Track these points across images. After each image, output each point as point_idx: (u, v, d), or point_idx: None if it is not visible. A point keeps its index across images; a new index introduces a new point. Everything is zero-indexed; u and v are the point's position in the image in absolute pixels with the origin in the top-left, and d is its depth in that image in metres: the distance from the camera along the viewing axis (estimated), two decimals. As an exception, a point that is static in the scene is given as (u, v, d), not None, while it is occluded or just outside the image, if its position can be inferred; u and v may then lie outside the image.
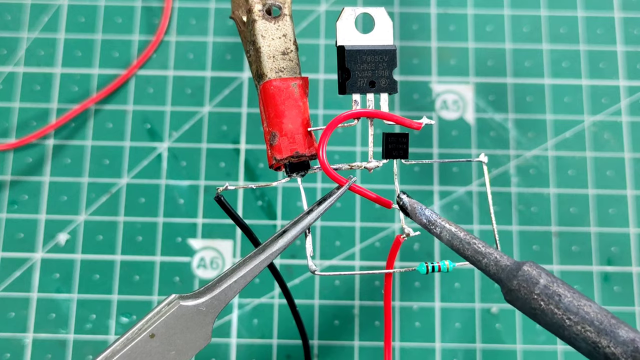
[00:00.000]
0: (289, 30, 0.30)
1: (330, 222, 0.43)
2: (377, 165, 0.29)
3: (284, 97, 0.29)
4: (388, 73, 0.29)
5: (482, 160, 0.31)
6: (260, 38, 0.29)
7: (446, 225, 0.28)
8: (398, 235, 0.29)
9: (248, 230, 0.30)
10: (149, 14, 0.47)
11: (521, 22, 0.46)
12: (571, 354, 0.41)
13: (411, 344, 0.41)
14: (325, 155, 0.27)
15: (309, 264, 0.28)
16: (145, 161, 0.44)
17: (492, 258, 0.26)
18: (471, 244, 0.26)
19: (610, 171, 0.44)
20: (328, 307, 0.42)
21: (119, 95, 0.45)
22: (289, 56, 0.29)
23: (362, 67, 0.29)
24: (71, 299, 0.42)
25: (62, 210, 0.43)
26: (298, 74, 0.29)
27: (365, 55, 0.29)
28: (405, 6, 0.47)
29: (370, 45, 0.29)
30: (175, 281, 0.42)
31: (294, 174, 0.29)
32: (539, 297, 0.24)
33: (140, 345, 0.26)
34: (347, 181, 0.28)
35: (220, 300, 0.27)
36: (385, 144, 0.29)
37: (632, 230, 0.43)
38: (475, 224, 0.43)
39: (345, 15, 0.29)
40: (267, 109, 0.29)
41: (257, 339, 0.42)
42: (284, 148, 0.28)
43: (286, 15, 0.30)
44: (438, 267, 0.29)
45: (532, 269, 0.24)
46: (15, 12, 0.46)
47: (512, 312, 0.42)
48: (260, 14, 0.29)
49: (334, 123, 0.28)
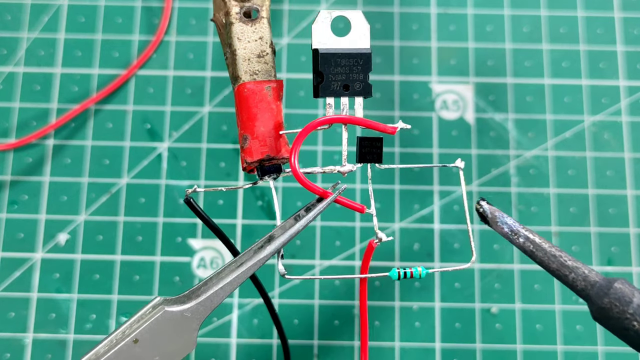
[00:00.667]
0: (266, 33, 0.30)
1: (330, 222, 0.43)
2: (351, 169, 0.29)
3: (257, 100, 0.28)
4: (363, 76, 0.28)
5: (458, 166, 0.30)
6: (236, 40, 0.29)
7: (530, 236, 0.26)
8: (371, 240, 0.29)
9: (219, 231, 0.30)
10: (149, 14, 0.47)
11: (521, 22, 0.46)
12: (571, 354, 0.41)
13: (411, 344, 0.41)
14: (296, 161, 0.27)
15: (279, 267, 0.28)
16: (145, 161, 0.44)
17: (579, 273, 0.25)
18: (557, 256, 0.25)
19: (610, 171, 0.44)
20: (328, 307, 0.42)
21: (119, 95, 0.45)
22: (265, 59, 0.29)
23: (336, 70, 0.28)
24: (71, 299, 0.42)
25: (62, 210, 0.43)
26: (273, 77, 0.29)
27: (339, 59, 0.28)
28: (405, 6, 0.47)
29: (346, 48, 0.28)
30: (175, 281, 0.42)
31: (265, 177, 0.29)
32: (632, 317, 0.22)
33: (124, 350, 0.25)
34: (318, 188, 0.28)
35: (206, 306, 0.26)
36: (359, 149, 0.29)
37: (632, 230, 0.43)
38: (475, 223, 0.43)
39: (320, 18, 0.28)
40: (240, 111, 0.29)
41: (257, 339, 0.42)
42: (255, 151, 0.28)
43: (263, 18, 0.30)
44: (410, 273, 0.29)
45: (625, 287, 0.23)
46: (16, 12, 0.46)
47: (512, 312, 0.42)
48: (238, 16, 0.29)
49: (306, 130, 0.27)
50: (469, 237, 0.30)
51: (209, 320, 0.42)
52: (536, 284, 0.42)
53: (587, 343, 0.42)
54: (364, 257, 0.30)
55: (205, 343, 0.42)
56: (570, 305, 0.42)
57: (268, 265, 0.42)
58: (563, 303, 0.42)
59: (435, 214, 0.43)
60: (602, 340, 0.42)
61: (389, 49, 0.46)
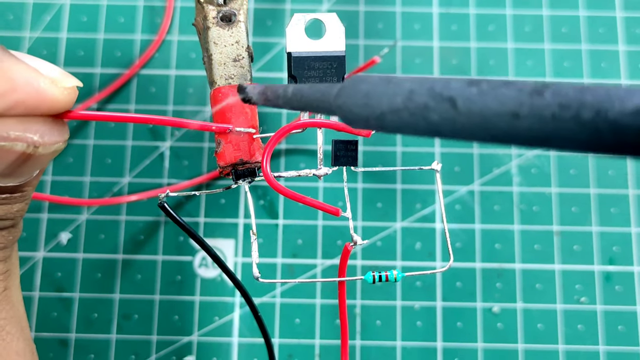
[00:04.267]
0: (242, 37, 0.30)
1: (331, 221, 0.43)
2: (326, 173, 0.29)
3: (231, 104, 0.28)
4: (337, 79, 0.28)
5: (434, 169, 0.30)
6: (213, 45, 0.29)
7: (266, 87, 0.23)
8: (347, 244, 0.29)
9: (194, 234, 0.30)
10: (151, 13, 0.47)
11: (523, 22, 0.46)
12: (573, 353, 0.41)
13: (413, 343, 0.41)
14: (268, 166, 0.26)
15: (254, 270, 0.27)
16: (147, 160, 0.44)
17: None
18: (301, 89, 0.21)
19: (612, 170, 0.44)
20: (328, 306, 0.42)
21: (121, 94, 0.45)
22: (240, 63, 0.29)
23: (310, 73, 0.28)
24: (73, 298, 0.42)
25: (64, 209, 0.43)
26: (249, 81, 0.29)
27: (312, 62, 0.28)
28: (408, 6, 0.47)
29: (320, 51, 0.28)
30: (176, 280, 0.42)
31: (240, 181, 0.29)
32: None
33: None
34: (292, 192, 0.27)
35: None
36: (334, 152, 0.29)
37: (634, 229, 0.43)
38: (477, 223, 0.43)
39: (294, 21, 0.28)
40: (215, 116, 0.29)
41: (258, 338, 0.42)
42: (228, 155, 0.28)
43: (240, 22, 0.30)
44: (385, 276, 0.29)
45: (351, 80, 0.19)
46: (18, 11, 0.47)
47: (513, 311, 0.42)
48: (215, 21, 0.29)
49: (278, 134, 0.27)
50: (446, 239, 0.30)
51: (211, 319, 0.42)
52: (538, 284, 0.42)
53: (589, 343, 0.42)
54: (340, 262, 0.29)
55: (207, 342, 0.42)
56: (572, 305, 0.42)
57: (268, 266, 0.43)
58: (564, 303, 0.42)
59: (437, 213, 0.43)
60: (603, 340, 0.42)
61: (391, 49, 0.46)
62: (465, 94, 0.14)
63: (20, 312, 0.26)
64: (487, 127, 0.14)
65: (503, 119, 0.13)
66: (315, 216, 0.43)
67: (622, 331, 0.42)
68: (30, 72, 0.20)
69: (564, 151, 0.13)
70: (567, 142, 0.13)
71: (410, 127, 0.16)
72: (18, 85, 0.20)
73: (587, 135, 0.12)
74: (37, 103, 0.21)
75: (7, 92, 0.20)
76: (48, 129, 0.21)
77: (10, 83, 0.20)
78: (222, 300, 0.42)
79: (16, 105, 0.20)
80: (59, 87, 0.21)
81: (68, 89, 0.21)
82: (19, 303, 0.26)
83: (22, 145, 0.21)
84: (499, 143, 0.14)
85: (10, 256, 0.25)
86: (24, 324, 0.26)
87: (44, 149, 0.21)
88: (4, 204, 0.23)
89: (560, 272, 0.43)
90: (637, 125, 0.11)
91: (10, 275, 0.25)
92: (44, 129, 0.21)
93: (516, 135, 0.13)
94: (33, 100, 0.20)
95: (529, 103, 0.13)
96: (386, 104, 0.16)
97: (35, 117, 0.21)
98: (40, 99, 0.21)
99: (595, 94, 0.12)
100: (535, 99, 0.13)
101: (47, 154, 0.22)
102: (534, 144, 0.13)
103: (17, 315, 0.26)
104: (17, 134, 0.20)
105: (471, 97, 0.14)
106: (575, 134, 0.12)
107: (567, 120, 0.12)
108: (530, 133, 0.13)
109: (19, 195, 0.24)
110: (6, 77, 0.20)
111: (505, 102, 0.13)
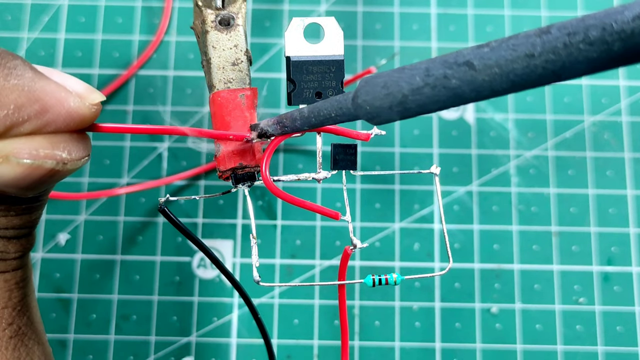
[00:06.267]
0: (241, 41, 0.30)
1: (330, 222, 0.43)
2: (325, 176, 0.29)
3: (230, 109, 0.28)
4: (335, 83, 0.28)
5: (433, 172, 0.30)
6: (211, 49, 0.29)
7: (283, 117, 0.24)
8: (346, 247, 0.29)
9: (194, 238, 0.30)
10: (149, 14, 0.47)
11: (521, 22, 0.46)
12: (571, 354, 0.41)
13: (411, 343, 0.42)
14: (268, 172, 0.26)
15: (254, 274, 0.27)
16: (146, 161, 0.44)
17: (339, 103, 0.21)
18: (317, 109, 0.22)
19: (610, 171, 0.44)
20: (327, 307, 0.42)
21: (119, 95, 0.45)
22: (239, 67, 0.29)
23: (308, 77, 0.28)
24: (71, 299, 0.42)
25: (62, 210, 0.43)
26: (247, 85, 0.29)
27: (311, 66, 0.28)
28: (405, 6, 0.47)
29: (318, 55, 0.28)
30: (175, 281, 0.42)
31: (239, 185, 0.29)
32: None
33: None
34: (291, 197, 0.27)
35: None
36: (333, 155, 0.29)
37: (632, 230, 0.43)
38: (475, 223, 0.43)
39: (293, 26, 0.28)
40: (214, 120, 0.29)
41: (257, 339, 0.42)
42: (227, 159, 0.28)
43: (239, 25, 0.30)
44: (385, 279, 0.29)
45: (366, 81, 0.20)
46: (16, 12, 0.46)
47: (512, 312, 0.42)
48: (213, 24, 0.29)
49: (277, 139, 0.27)
50: (445, 241, 0.30)
51: (209, 320, 0.42)
52: (536, 284, 0.42)
53: (587, 343, 0.42)
54: (340, 265, 0.29)
55: (206, 343, 0.42)
56: (570, 306, 0.42)
57: (267, 266, 0.43)
58: (563, 303, 0.42)
59: (435, 214, 0.43)
60: (602, 340, 0.42)
61: (389, 49, 0.46)
62: (479, 55, 0.16)
63: (38, 317, 0.27)
64: (507, 74, 0.15)
65: (520, 62, 0.15)
66: (314, 217, 0.43)
67: (621, 331, 0.42)
68: (60, 91, 0.21)
69: (578, 77, 0.15)
70: (581, 65, 0.14)
71: (433, 101, 0.17)
72: (50, 107, 0.20)
73: (599, 51, 0.14)
74: (67, 122, 0.21)
75: (39, 113, 0.20)
76: (75, 144, 0.21)
77: (42, 104, 0.20)
78: (221, 300, 0.42)
79: (47, 125, 0.20)
80: (86, 104, 0.21)
81: (95, 105, 0.21)
82: (36, 308, 0.27)
83: (51, 163, 0.21)
84: (519, 87, 0.16)
85: (27, 264, 0.26)
86: (41, 329, 0.27)
87: (71, 164, 0.21)
88: (24, 213, 0.24)
89: (558, 272, 0.43)
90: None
91: (28, 283, 0.26)
92: (71, 145, 0.21)
93: (534, 74, 0.15)
94: (63, 119, 0.20)
95: (540, 42, 0.15)
96: (406, 86, 0.18)
97: (63, 134, 0.21)
98: (70, 117, 0.21)
99: (596, 16, 0.14)
100: (544, 37, 0.15)
101: (73, 170, 0.22)
102: (551, 78, 0.15)
103: (36, 320, 0.26)
104: (47, 152, 0.20)
105: (484, 55, 0.16)
106: (588, 53, 0.14)
107: (579, 44, 0.14)
108: (546, 66, 0.15)
109: (38, 204, 0.24)
110: (38, 98, 0.20)
111: (518, 47, 0.15)
